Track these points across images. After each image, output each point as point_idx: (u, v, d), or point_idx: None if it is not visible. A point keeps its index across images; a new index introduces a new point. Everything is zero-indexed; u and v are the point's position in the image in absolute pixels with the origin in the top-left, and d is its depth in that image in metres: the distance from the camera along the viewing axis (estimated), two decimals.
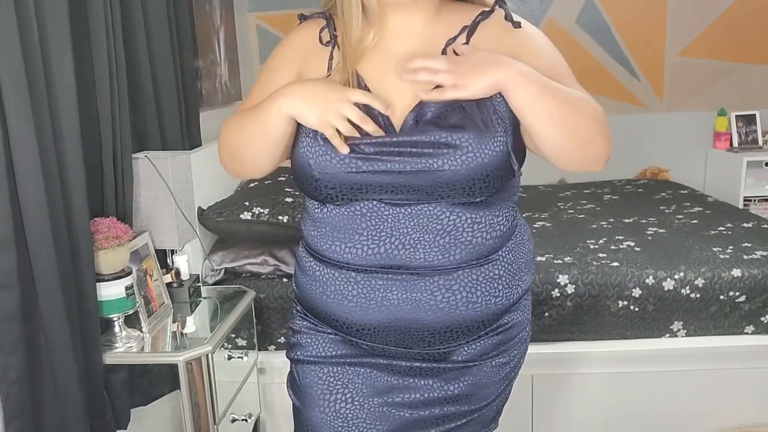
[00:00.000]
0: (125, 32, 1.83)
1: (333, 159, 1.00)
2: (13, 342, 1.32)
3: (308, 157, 1.02)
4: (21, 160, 1.31)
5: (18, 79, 1.29)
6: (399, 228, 1.02)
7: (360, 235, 1.04)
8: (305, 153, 1.03)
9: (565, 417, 2.16)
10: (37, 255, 1.36)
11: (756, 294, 2.06)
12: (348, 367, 1.13)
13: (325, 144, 1.01)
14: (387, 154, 0.99)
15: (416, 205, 1.02)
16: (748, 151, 3.60)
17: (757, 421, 2.13)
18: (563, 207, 3.07)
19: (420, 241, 1.02)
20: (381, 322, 1.07)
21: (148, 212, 1.86)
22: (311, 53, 1.11)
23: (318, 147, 1.02)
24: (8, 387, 1.33)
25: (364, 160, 1.00)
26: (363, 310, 1.07)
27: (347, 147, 0.99)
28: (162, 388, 1.87)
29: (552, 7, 3.68)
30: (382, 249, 1.03)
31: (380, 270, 1.04)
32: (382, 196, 1.02)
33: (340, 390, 1.13)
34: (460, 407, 1.13)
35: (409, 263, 1.03)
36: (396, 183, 1.00)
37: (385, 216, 1.02)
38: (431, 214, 1.02)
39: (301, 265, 1.16)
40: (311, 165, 1.02)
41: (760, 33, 3.67)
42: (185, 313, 1.88)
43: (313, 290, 1.13)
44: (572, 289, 2.07)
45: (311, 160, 1.02)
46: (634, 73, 3.76)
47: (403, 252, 1.03)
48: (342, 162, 1.00)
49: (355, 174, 1.00)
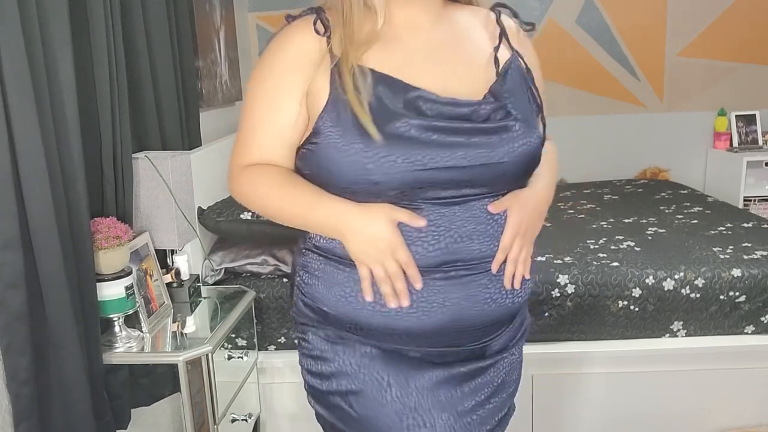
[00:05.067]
0: (125, 32, 1.83)
1: (398, 159, 0.95)
2: (22, 342, 1.33)
3: (365, 162, 0.95)
4: (25, 161, 1.32)
5: (22, 80, 1.29)
6: (455, 221, 1.01)
7: (419, 232, 1.00)
8: (359, 159, 0.95)
9: (565, 417, 2.16)
10: (43, 255, 1.36)
11: (756, 294, 2.06)
12: (407, 384, 1.06)
13: (387, 145, 0.95)
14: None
15: (473, 197, 1.01)
16: (748, 151, 3.60)
17: (757, 421, 2.13)
18: (563, 207, 3.06)
19: (474, 232, 1.01)
20: (441, 325, 1.03)
21: (148, 212, 1.86)
22: (315, 60, 1.01)
23: (376, 150, 0.95)
24: (18, 387, 1.33)
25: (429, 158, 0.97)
26: (426, 315, 1.02)
27: (371, 294, 1.01)
28: (163, 389, 1.87)
29: (552, 7, 3.68)
30: (443, 244, 1.00)
31: (438, 269, 1.01)
32: (442, 192, 0.99)
33: (409, 414, 1.05)
34: (503, 396, 1.15)
35: (466, 256, 1.02)
36: (459, 178, 0.98)
37: (443, 211, 1.00)
38: (482, 204, 1.02)
39: (331, 278, 1.06)
40: (370, 169, 0.95)
41: (760, 33, 3.67)
42: (185, 313, 1.88)
43: (356, 304, 1.04)
44: (572, 289, 2.07)
45: (370, 164, 0.95)
46: (634, 73, 3.76)
47: (461, 245, 1.01)
48: (407, 161, 0.95)
49: (421, 172, 0.96)
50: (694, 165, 3.83)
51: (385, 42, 1.02)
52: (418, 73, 1.00)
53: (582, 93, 3.78)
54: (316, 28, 1.01)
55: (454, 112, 0.99)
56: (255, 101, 1.05)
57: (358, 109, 0.96)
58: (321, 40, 1.01)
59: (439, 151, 0.96)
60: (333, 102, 0.98)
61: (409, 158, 0.95)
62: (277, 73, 1.03)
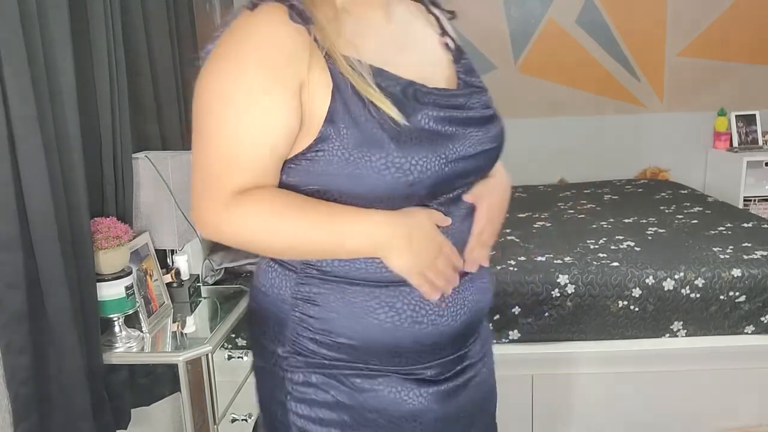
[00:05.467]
0: (125, 32, 1.83)
1: (429, 155, 0.85)
2: (22, 342, 1.33)
3: (401, 162, 0.84)
4: (25, 161, 1.31)
5: (22, 80, 1.29)
6: (457, 215, 0.95)
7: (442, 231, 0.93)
8: (394, 160, 0.83)
9: (565, 417, 2.15)
10: (42, 255, 1.36)
11: (756, 294, 2.06)
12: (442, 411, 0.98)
13: (418, 141, 0.85)
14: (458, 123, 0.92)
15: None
16: (748, 151, 3.60)
17: (757, 421, 2.12)
18: (563, 207, 3.07)
19: (467, 224, 0.97)
20: (464, 325, 0.97)
21: (148, 212, 1.86)
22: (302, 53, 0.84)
23: (409, 148, 0.84)
24: (17, 387, 1.33)
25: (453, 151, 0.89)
26: (453, 319, 0.95)
27: (437, 295, 0.91)
28: (163, 389, 1.87)
29: (552, 7, 3.68)
30: (454, 239, 0.94)
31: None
32: (456, 186, 0.93)
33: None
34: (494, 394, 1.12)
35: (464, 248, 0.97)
36: (470, 169, 0.93)
37: (451, 208, 0.95)
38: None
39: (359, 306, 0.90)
40: (407, 170, 0.84)
41: (760, 33, 3.67)
42: (185, 313, 1.88)
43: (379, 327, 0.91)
44: (572, 289, 2.07)
45: (406, 164, 0.84)
46: (634, 73, 3.76)
47: (465, 236, 0.96)
48: (437, 156, 0.86)
49: (447, 165, 0.88)
50: (694, 165, 3.83)
51: (354, 34, 0.89)
52: (399, 63, 0.90)
53: (582, 93, 3.78)
54: (293, 16, 0.83)
55: (451, 102, 0.92)
56: (230, 107, 0.82)
57: (383, 102, 0.83)
58: (301, 30, 0.83)
59: (455, 143, 0.89)
60: (342, 101, 0.84)
61: (437, 152, 0.86)
62: (262, 69, 0.82)
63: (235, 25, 0.85)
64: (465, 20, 1.13)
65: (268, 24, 0.83)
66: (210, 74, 0.84)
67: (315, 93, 0.84)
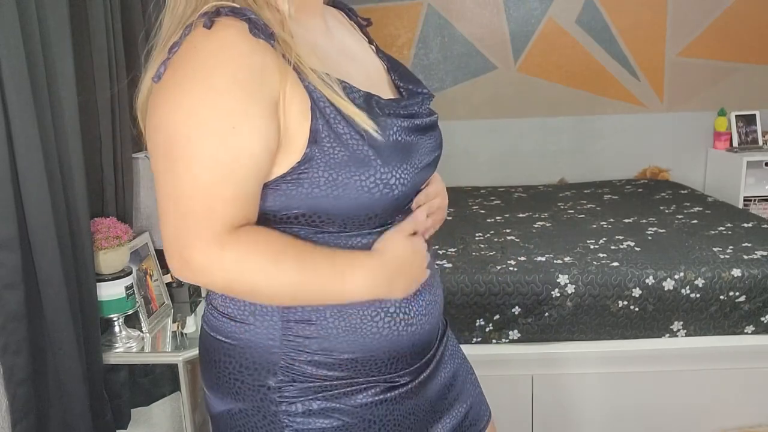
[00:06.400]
0: (125, 32, 1.83)
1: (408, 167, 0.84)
2: (19, 342, 1.33)
3: (387, 178, 0.81)
4: (24, 161, 1.31)
5: (21, 80, 1.29)
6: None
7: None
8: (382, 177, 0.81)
9: (565, 417, 2.15)
10: (41, 255, 1.36)
11: (756, 294, 2.06)
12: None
13: (398, 154, 0.83)
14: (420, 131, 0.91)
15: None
16: (748, 151, 3.60)
17: (757, 421, 2.13)
18: (563, 207, 3.07)
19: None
20: (437, 318, 0.97)
21: (148, 212, 1.86)
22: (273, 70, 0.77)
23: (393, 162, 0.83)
24: (15, 387, 1.33)
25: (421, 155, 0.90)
26: (432, 316, 0.95)
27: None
28: (163, 389, 1.87)
29: (552, 7, 3.68)
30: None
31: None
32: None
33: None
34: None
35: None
36: (428, 175, 0.93)
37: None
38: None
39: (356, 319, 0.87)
40: (393, 184, 0.82)
41: (760, 33, 3.67)
42: (185, 313, 1.88)
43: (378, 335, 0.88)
44: (572, 289, 2.07)
45: (392, 179, 0.82)
46: (634, 73, 3.76)
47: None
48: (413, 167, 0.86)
49: (419, 174, 0.88)
50: (694, 165, 3.83)
51: (307, 44, 0.85)
52: (351, 74, 0.87)
53: (582, 93, 3.78)
54: (253, 31, 0.76)
55: (407, 111, 0.89)
56: (208, 132, 0.73)
57: (359, 116, 0.79)
58: (264, 44, 0.76)
59: (419, 152, 0.88)
60: (323, 119, 0.79)
61: (411, 163, 0.85)
62: (236, 89, 0.74)
63: (192, 44, 0.76)
64: (465, 20, 1.12)
65: (232, 41, 0.75)
66: (175, 99, 0.75)
67: (290, 111, 0.78)
